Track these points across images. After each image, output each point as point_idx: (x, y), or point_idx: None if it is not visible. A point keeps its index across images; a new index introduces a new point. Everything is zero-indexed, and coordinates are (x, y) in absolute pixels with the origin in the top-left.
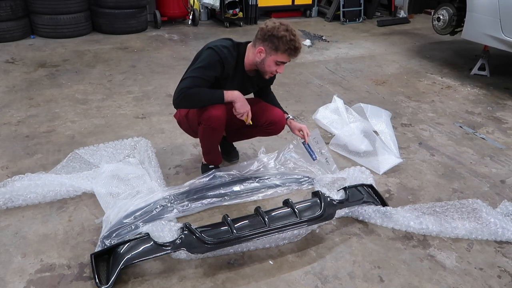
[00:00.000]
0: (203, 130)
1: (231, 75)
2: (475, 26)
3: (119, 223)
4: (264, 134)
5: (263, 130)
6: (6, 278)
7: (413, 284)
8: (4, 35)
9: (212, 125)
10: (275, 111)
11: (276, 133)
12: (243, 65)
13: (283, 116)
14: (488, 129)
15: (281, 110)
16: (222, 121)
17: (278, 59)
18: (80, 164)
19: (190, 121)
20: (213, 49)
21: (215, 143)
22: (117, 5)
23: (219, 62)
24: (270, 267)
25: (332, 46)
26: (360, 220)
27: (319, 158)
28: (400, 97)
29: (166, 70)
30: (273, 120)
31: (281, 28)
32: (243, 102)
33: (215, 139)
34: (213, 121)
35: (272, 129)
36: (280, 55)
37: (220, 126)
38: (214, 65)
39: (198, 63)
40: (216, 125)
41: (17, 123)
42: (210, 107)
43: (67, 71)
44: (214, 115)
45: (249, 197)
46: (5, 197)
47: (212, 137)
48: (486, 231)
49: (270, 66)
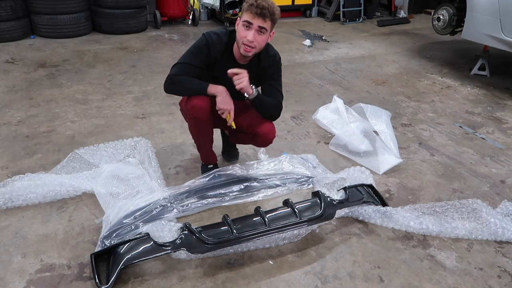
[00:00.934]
0: (189, 122)
1: (218, 60)
2: (475, 26)
3: (119, 223)
4: (252, 144)
5: (249, 139)
6: (6, 278)
7: (413, 284)
8: (4, 35)
9: (195, 114)
10: (264, 124)
11: (263, 146)
12: (231, 52)
13: (272, 130)
14: (488, 129)
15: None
16: (205, 111)
17: (243, 19)
18: (80, 164)
19: (183, 112)
20: (204, 35)
21: (204, 137)
22: (117, 5)
23: (205, 46)
24: (270, 267)
25: (332, 46)
26: (360, 220)
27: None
28: (400, 97)
29: (166, 70)
30: (258, 133)
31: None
32: (225, 98)
33: (202, 131)
34: (195, 110)
35: (258, 141)
36: (245, 14)
37: (203, 117)
38: (201, 49)
39: (188, 49)
40: (198, 115)
41: (17, 123)
42: (194, 97)
43: (67, 71)
44: (196, 105)
45: (249, 197)
46: (5, 197)
47: (198, 129)
48: (486, 231)
49: (240, 32)
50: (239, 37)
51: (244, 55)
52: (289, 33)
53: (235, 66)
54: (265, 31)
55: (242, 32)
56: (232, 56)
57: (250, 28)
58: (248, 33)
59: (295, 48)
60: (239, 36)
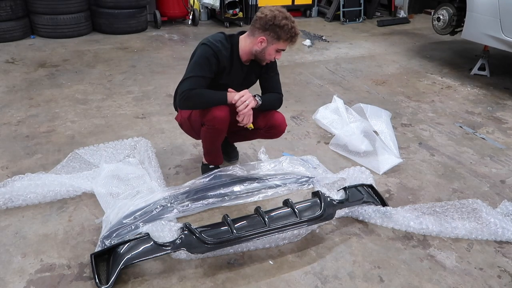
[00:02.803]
0: (206, 131)
1: (228, 67)
2: (475, 26)
3: (119, 223)
4: (264, 137)
5: (263, 133)
6: (6, 278)
7: (413, 284)
8: (4, 35)
9: (216, 126)
10: (276, 115)
11: (276, 137)
12: (238, 56)
13: (284, 120)
14: (488, 129)
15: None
16: (226, 122)
17: (279, 47)
18: (80, 164)
19: (192, 123)
20: (207, 44)
21: (217, 144)
22: (117, 5)
23: (213, 56)
24: (270, 267)
25: (332, 46)
26: (360, 220)
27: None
28: (400, 97)
29: (166, 70)
30: (273, 124)
31: (281, 17)
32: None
33: (217, 140)
34: (217, 122)
35: (272, 133)
36: (282, 43)
37: (223, 127)
38: (209, 60)
39: (194, 61)
40: (220, 126)
41: (17, 123)
42: (213, 108)
43: (67, 71)
44: (218, 116)
45: (249, 198)
46: (5, 197)
47: (215, 138)
48: (486, 231)
49: (270, 54)
50: (268, 57)
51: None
52: None
53: (245, 69)
54: None
55: (273, 54)
56: (239, 60)
57: (282, 51)
58: (279, 54)
59: (295, 48)
60: (268, 57)
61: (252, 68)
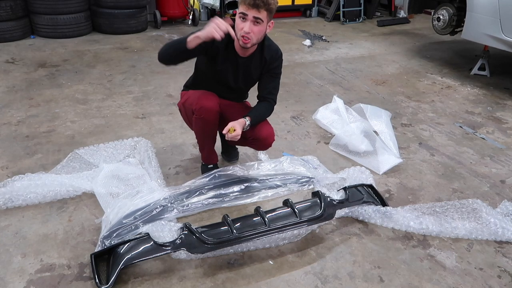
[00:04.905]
0: (196, 121)
1: (222, 51)
2: (475, 26)
3: (119, 223)
4: (252, 147)
5: (250, 143)
6: (6, 278)
7: (413, 284)
8: (4, 35)
9: (203, 115)
10: (264, 128)
11: (263, 149)
12: (233, 46)
13: (272, 133)
14: (488, 129)
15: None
16: (214, 113)
17: (239, 11)
18: (80, 164)
19: (187, 110)
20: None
21: (208, 138)
22: (117, 5)
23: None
24: (270, 267)
25: (332, 46)
26: (360, 220)
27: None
28: (400, 97)
29: (166, 70)
30: (259, 137)
31: None
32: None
33: (207, 131)
34: (204, 111)
35: (259, 145)
36: (240, 6)
37: (211, 118)
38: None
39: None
40: (207, 116)
41: (17, 123)
42: (203, 98)
43: (67, 71)
44: (206, 105)
45: (250, 198)
46: (5, 197)
47: (205, 129)
48: (486, 231)
49: (237, 25)
50: (237, 29)
51: (243, 47)
52: (289, 33)
53: (237, 60)
54: (260, 21)
55: (239, 24)
56: (234, 50)
57: (246, 20)
58: (245, 24)
59: (295, 48)
60: (237, 29)
61: (251, 63)
